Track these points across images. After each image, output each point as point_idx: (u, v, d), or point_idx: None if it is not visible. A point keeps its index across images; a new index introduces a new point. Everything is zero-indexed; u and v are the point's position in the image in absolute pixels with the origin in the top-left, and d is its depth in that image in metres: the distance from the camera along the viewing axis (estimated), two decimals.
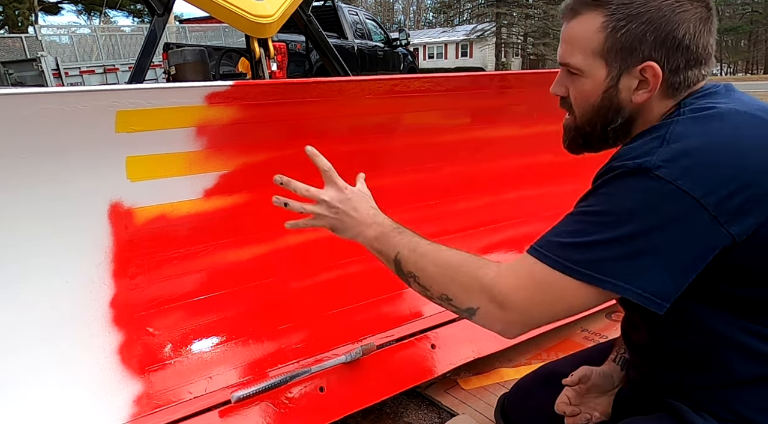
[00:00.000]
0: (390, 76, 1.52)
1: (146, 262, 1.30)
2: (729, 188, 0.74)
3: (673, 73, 0.85)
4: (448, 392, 1.67)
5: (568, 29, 0.91)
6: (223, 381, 1.33)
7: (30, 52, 13.35)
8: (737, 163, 0.76)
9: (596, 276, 0.78)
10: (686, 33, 0.83)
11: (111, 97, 1.10)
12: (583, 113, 0.94)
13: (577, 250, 0.80)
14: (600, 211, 0.81)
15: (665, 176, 0.75)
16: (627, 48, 0.85)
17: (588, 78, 0.90)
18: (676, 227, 0.75)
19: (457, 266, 0.91)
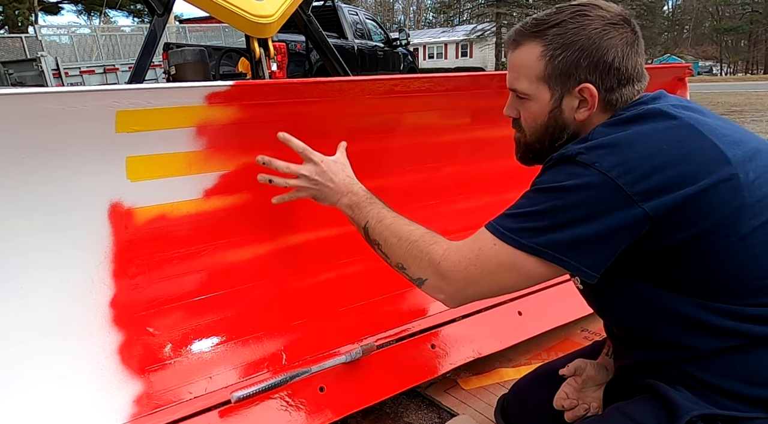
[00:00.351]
0: (390, 76, 1.52)
1: (146, 262, 1.30)
2: (641, 171, 0.84)
3: (608, 92, 0.96)
4: (448, 392, 1.67)
5: (513, 58, 1.03)
6: (223, 381, 1.33)
7: (30, 52, 13.36)
8: (648, 151, 0.86)
9: (522, 242, 0.89)
10: (615, 56, 0.94)
11: (111, 97, 1.10)
12: (532, 132, 1.05)
13: (511, 219, 0.93)
14: (534, 190, 0.94)
15: (584, 160, 0.87)
16: (565, 73, 0.96)
17: (534, 101, 1.01)
18: (597, 203, 0.85)
19: (414, 240, 1.04)
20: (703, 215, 0.84)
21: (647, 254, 0.88)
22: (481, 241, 0.96)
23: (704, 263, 0.86)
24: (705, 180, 0.83)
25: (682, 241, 0.85)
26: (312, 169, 1.20)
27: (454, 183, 1.86)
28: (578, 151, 0.89)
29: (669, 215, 0.84)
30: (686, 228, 0.84)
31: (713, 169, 0.85)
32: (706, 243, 0.85)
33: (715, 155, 0.86)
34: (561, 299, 1.75)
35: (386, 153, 1.69)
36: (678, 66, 2.17)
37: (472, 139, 1.81)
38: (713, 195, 0.83)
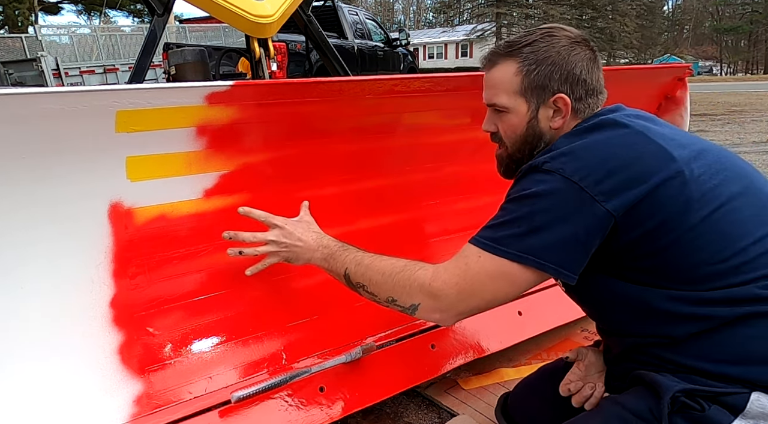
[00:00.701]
0: (390, 76, 1.52)
1: (146, 262, 1.30)
2: (599, 174, 0.93)
3: (578, 102, 1.08)
4: (448, 392, 1.67)
5: (490, 76, 1.14)
6: (223, 381, 1.33)
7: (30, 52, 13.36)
8: (603, 156, 0.96)
9: (504, 250, 0.97)
10: (582, 70, 1.07)
11: (111, 97, 1.10)
12: (513, 143, 1.14)
13: (491, 230, 1.01)
14: (508, 200, 1.03)
15: (549, 168, 0.97)
16: (540, 86, 1.08)
17: (513, 113, 1.11)
18: (565, 205, 0.94)
19: (398, 272, 1.09)
20: (657, 210, 0.92)
21: (614, 251, 0.96)
22: (466, 257, 1.02)
23: (663, 255, 0.94)
24: (655, 178, 0.93)
25: (642, 235, 0.93)
26: (278, 233, 1.27)
27: (454, 183, 1.86)
28: (544, 161, 0.99)
29: (628, 212, 0.92)
30: (644, 223, 0.93)
31: (661, 167, 0.94)
32: (662, 235, 0.93)
33: (662, 156, 0.96)
34: (561, 299, 1.74)
35: (386, 153, 1.69)
36: (678, 66, 2.17)
37: (472, 139, 1.81)
38: (663, 191, 0.92)
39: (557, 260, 0.95)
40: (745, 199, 0.97)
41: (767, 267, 0.91)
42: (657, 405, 0.91)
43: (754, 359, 0.89)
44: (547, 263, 0.95)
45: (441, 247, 1.81)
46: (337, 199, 1.60)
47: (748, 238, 0.93)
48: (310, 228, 1.30)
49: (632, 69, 1.95)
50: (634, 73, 2.04)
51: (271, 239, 1.28)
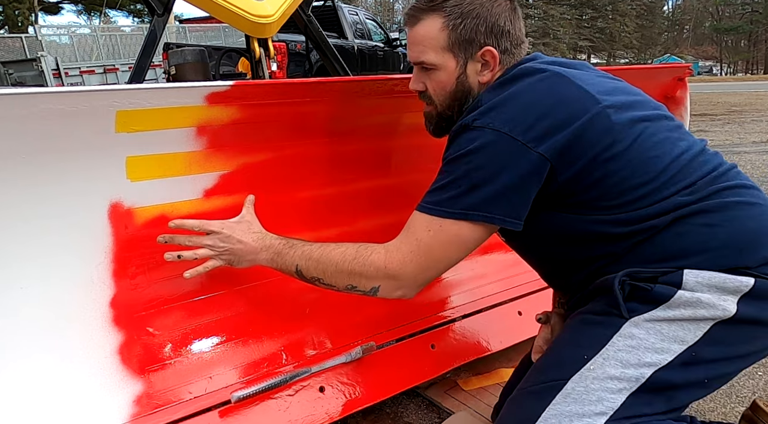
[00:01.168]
0: (390, 76, 1.52)
1: (146, 262, 1.29)
2: (526, 123, 0.98)
3: (504, 54, 1.11)
4: (448, 392, 1.66)
5: (414, 33, 1.13)
6: (223, 381, 1.33)
7: (30, 52, 13.36)
8: (527, 103, 1.00)
9: (449, 211, 1.01)
10: (505, 21, 1.09)
11: (111, 97, 1.10)
12: (442, 100, 1.16)
13: (434, 194, 1.05)
14: (445, 163, 1.05)
15: (479, 124, 1.00)
16: (467, 40, 1.09)
17: (441, 70, 1.12)
18: (500, 157, 0.98)
19: (351, 259, 1.10)
20: (588, 147, 0.99)
21: (554, 190, 1.02)
22: (415, 232, 1.05)
23: (598, 186, 1.01)
24: (582, 118, 0.99)
25: (578, 172, 1.00)
26: (214, 238, 1.23)
27: None
28: (473, 118, 1.02)
29: (561, 154, 0.98)
30: (577, 161, 0.99)
31: (586, 107, 1.00)
32: (594, 169, 1.00)
33: (584, 96, 1.02)
34: None
35: (386, 153, 1.69)
36: (678, 66, 2.17)
37: None
38: (591, 129, 0.99)
39: (502, 211, 1.00)
40: (658, 123, 1.06)
41: (684, 179, 1.02)
42: (611, 298, 1.00)
43: (684, 251, 0.99)
44: (493, 214, 0.99)
45: None
46: (337, 199, 1.60)
47: (667, 158, 1.02)
48: (251, 228, 1.25)
49: (632, 69, 1.95)
50: (634, 73, 2.04)
51: (207, 243, 1.22)
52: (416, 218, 1.06)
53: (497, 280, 1.86)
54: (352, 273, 1.10)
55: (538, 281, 1.87)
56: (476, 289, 1.81)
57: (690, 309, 0.96)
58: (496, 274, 1.87)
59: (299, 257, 1.17)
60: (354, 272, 1.10)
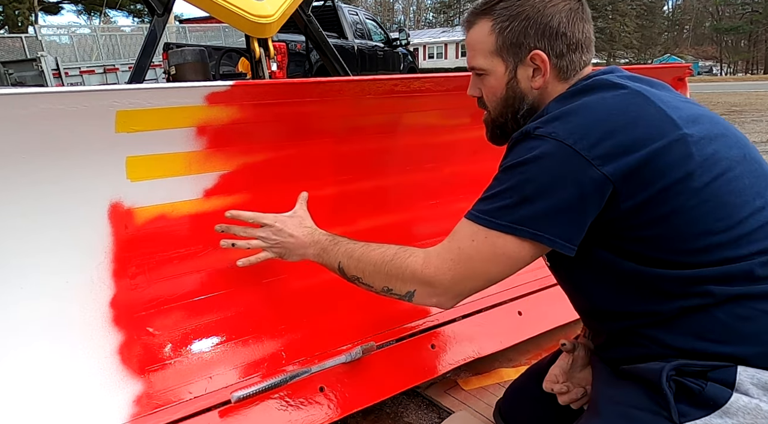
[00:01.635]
0: (390, 76, 1.52)
1: (146, 262, 1.30)
2: (594, 137, 0.88)
3: (558, 58, 1.02)
4: (448, 392, 1.66)
5: (468, 38, 1.09)
6: (223, 381, 1.33)
7: (30, 52, 13.35)
8: (598, 118, 0.91)
9: (497, 222, 0.92)
10: (560, 22, 1.00)
11: (111, 97, 1.10)
12: (494, 107, 1.10)
13: (483, 202, 0.97)
14: (500, 171, 0.97)
15: (541, 133, 0.91)
16: (515, 43, 1.02)
17: (491, 75, 1.07)
18: (559, 170, 0.89)
19: (389, 261, 1.07)
20: (658, 176, 0.88)
21: (612, 219, 0.91)
22: (459, 240, 0.99)
23: (663, 224, 0.89)
24: (656, 143, 0.88)
25: (642, 202, 0.88)
26: (267, 231, 1.25)
27: (454, 183, 1.86)
28: (535, 126, 0.93)
29: (628, 178, 0.87)
30: (644, 189, 0.88)
31: (663, 132, 0.89)
32: (662, 203, 0.88)
33: (662, 119, 0.91)
34: (561, 299, 1.74)
35: (386, 153, 1.69)
36: (678, 66, 2.17)
37: (472, 139, 1.81)
38: (665, 156, 0.88)
39: (552, 230, 0.90)
40: (743, 166, 0.93)
41: (762, 241, 0.88)
42: (656, 394, 0.89)
43: (742, 338, 0.87)
44: (542, 233, 0.90)
45: None
46: (337, 199, 1.60)
47: (747, 208, 0.89)
48: (302, 223, 1.26)
49: (632, 69, 1.95)
50: (634, 73, 2.04)
51: (260, 235, 1.26)
52: (462, 225, 0.99)
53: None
54: (389, 275, 1.06)
55: (538, 281, 1.87)
56: None
57: (750, 418, 0.83)
58: None
59: (342, 254, 1.15)
60: (390, 274, 1.06)
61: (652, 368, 0.91)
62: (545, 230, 0.90)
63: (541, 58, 1.01)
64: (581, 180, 0.87)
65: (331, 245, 1.19)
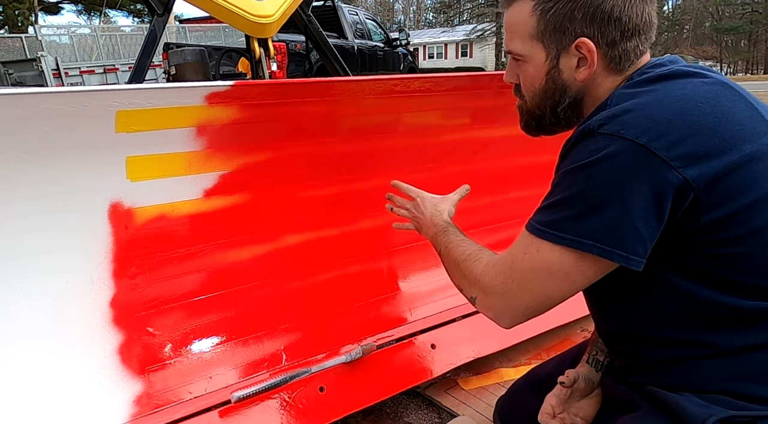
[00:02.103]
0: (390, 76, 1.52)
1: (146, 262, 1.30)
2: (677, 134, 0.74)
3: (610, 47, 0.86)
4: (448, 392, 1.66)
5: (506, 18, 0.94)
6: (223, 381, 1.33)
7: (30, 52, 13.35)
8: (683, 109, 0.76)
9: (561, 235, 0.79)
10: (614, 5, 0.83)
11: (111, 97, 1.10)
12: (532, 97, 0.96)
13: (544, 212, 0.84)
14: (560, 175, 0.83)
15: (607, 131, 0.77)
16: (558, 28, 0.87)
17: (530, 62, 0.93)
18: (631, 173, 0.74)
19: (462, 262, 1.00)
20: (749, 185, 0.74)
21: (688, 233, 0.77)
22: (513, 250, 0.88)
23: (750, 240, 0.76)
24: (749, 144, 0.74)
25: (728, 215, 0.74)
26: (410, 205, 1.26)
27: (454, 183, 1.85)
28: (600, 123, 0.78)
29: (713, 185, 0.73)
30: (732, 200, 0.74)
31: (756, 132, 0.76)
32: (753, 216, 0.75)
33: (755, 118, 0.77)
34: None
35: (386, 153, 1.69)
36: None
37: (472, 139, 1.81)
38: (759, 162, 0.74)
39: (626, 244, 0.76)
40: None
41: None
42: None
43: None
44: (614, 249, 0.76)
45: None
46: (337, 199, 1.60)
47: None
48: (437, 206, 1.20)
49: None
50: None
51: (407, 206, 1.26)
52: (521, 235, 0.88)
53: None
54: (460, 275, 1.00)
55: None
56: None
57: None
58: None
59: (443, 244, 1.10)
60: (461, 275, 1.00)
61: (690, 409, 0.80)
62: (617, 243, 0.76)
63: (588, 48, 0.85)
64: (658, 184, 0.73)
65: (440, 233, 1.13)
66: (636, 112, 0.77)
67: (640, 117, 0.76)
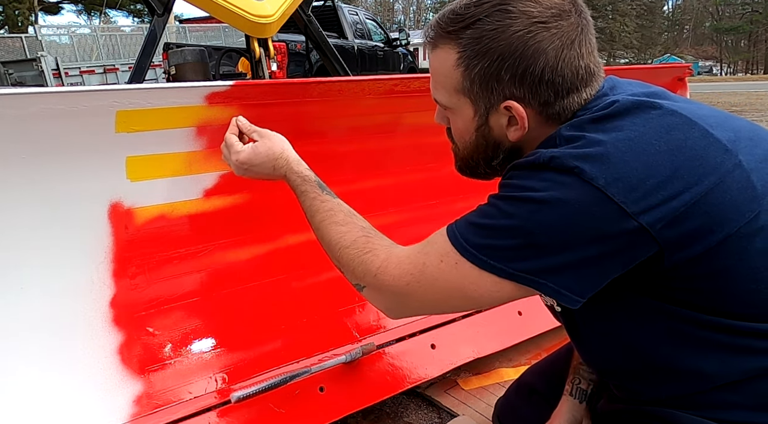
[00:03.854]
0: (390, 76, 1.52)
1: (146, 262, 1.30)
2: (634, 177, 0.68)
3: (544, 107, 0.78)
4: (448, 392, 1.66)
5: (431, 63, 0.86)
6: (223, 381, 1.33)
7: (30, 52, 13.36)
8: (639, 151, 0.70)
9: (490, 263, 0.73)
10: (545, 66, 0.74)
11: (111, 97, 1.10)
12: (463, 148, 0.89)
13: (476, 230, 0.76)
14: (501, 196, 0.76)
15: (563, 166, 0.70)
16: (485, 87, 0.78)
17: (458, 116, 0.85)
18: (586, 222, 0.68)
19: (344, 247, 0.91)
20: (714, 220, 0.68)
21: (655, 272, 0.72)
22: (428, 253, 0.80)
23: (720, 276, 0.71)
24: (709, 177, 0.68)
25: (697, 256, 0.69)
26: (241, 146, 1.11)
27: (454, 183, 1.85)
28: (550, 156, 0.72)
29: (674, 227, 0.68)
30: (696, 240, 0.69)
31: (715, 162, 0.70)
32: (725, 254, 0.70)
33: (711, 146, 0.71)
34: None
35: (386, 153, 1.69)
36: (678, 66, 2.17)
37: None
38: (721, 194, 0.69)
39: (563, 283, 0.71)
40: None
41: None
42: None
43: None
44: (547, 282, 0.71)
45: None
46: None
47: None
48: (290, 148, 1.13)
49: (632, 69, 1.96)
50: (634, 73, 2.04)
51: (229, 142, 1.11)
52: (438, 237, 0.80)
53: None
54: (342, 258, 0.91)
55: None
56: None
57: None
58: None
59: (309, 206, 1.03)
60: (343, 258, 0.91)
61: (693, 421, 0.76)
62: (552, 281, 0.71)
63: (517, 111, 0.78)
64: (613, 234, 0.68)
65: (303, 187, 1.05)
66: (589, 151, 0.70)
67: (594, 157, 0.69)
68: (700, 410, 0.77)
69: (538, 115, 0.79)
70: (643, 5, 49.14)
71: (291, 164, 1.07)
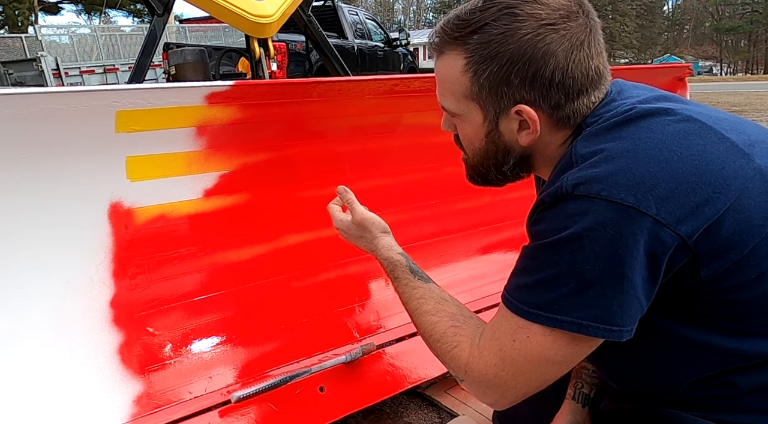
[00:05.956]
0: (390, 76, 1.52)
1: (146, 262, 1.30)
2: (663, 188, 0.66)
3: (555, 110, 0.77)
4: (448, 392, 1.66)
5: (437, 70, 0.85)
6: (223, 381, 1.33)
7: (30, 52, 13.36)
8: (662, 159, 0.68)
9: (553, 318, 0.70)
10: (555, 68, 0.74)
11: (111, 97, 1.10)
12: (473, 155, 0.89)
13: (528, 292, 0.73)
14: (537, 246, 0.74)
15: (586, 192, 0.68)
16: (495, 92, 0.77)
17: (466, 122, 0.84)
18: (625, 240, 0.66)
19: (436, 340, 0.87)
20: (744, 227, 0.68)
21: (688, 288, 0.71)
22: (499, 337, 0.78)
23: (753, 286, 0.71)
24: (735, 181, 0.68)
25: (729, 266, 0.69)
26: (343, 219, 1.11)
27: (454, 183, 1.86)
28: (574, 182, 0.70)
29: (709, 235, 0.67)
30: (730, 249, 0.68)
31: (736, 165, 0.69)
32: (752, 262, 0.69)
33: (730, 150, 0.70)
34: None
35: (386, 153, 1.69)
36: (678, 66, 2.17)
37: None
38: (748, 199, 0.68)
39: (632, 320, 0.69)
40: None
41: None
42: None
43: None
44: (621, 327, 0.69)
45: (441, 247, 1.81)
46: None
47: None
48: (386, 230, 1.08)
49: (632, 69, 1.96)
50: (634, 73, 2.04)
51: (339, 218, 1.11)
52: (499, 317, 0.78)
53: (497, 280, 1.86)
54: (437, 351, 0.88)
55: None
56: (476, 289, 1.81)
57: None
58: (496, 274, 1.87)
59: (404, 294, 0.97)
60: (438, 352, 0.88)
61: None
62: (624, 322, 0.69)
63: (528, 115, 0.77)
64: (653, 246, 0.66)
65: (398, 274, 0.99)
66: (611, 167, 0.68)
67: (618, 173, 0.67)
68: (710, 412, 0.77)
69: (548, 119, 0.78)
70: (643, 5, 49.19)
71: (380, 250, 1.03)
